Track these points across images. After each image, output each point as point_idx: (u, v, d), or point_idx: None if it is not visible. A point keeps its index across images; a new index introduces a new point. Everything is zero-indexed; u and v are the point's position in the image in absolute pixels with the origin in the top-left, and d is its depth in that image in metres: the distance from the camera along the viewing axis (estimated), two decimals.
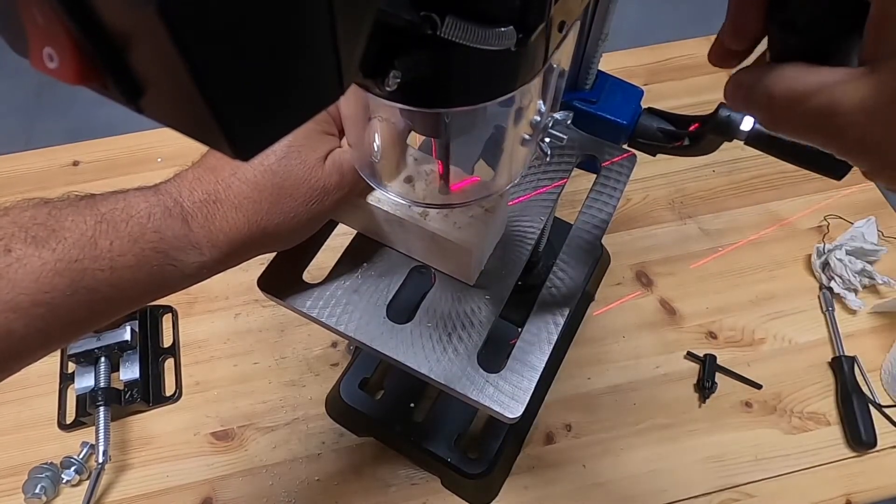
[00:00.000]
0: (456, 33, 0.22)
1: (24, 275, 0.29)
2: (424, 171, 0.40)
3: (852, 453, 0.64)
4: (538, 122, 0.36)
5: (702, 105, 0.89)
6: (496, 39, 0.23)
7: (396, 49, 0.23)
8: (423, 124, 0.32)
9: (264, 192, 0.36)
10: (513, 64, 0.26)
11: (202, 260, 0.35)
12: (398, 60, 0.23)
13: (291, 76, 0.17)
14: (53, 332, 0.31)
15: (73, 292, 0.30)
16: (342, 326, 0.41)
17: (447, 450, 0.61)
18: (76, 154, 0.86)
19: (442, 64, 0.25)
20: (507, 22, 0.23)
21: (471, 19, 0.22)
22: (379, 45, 0.22)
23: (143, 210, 0.33)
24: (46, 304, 0.29)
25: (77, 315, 0.31)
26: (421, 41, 0.23)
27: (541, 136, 0.37)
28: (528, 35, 0.24)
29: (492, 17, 0.23)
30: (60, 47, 0.16)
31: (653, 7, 2.02)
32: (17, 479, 0.62)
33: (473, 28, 0.22)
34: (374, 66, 0.23)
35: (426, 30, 0.21)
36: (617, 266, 0.76)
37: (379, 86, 0.24)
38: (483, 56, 0.23)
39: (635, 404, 0.67)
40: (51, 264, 0.29)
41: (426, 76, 0.25)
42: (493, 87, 0.27)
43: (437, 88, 0.26)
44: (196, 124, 0.17)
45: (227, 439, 0.66)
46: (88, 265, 0.30)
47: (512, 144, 0.36)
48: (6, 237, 0.29)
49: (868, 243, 0.72)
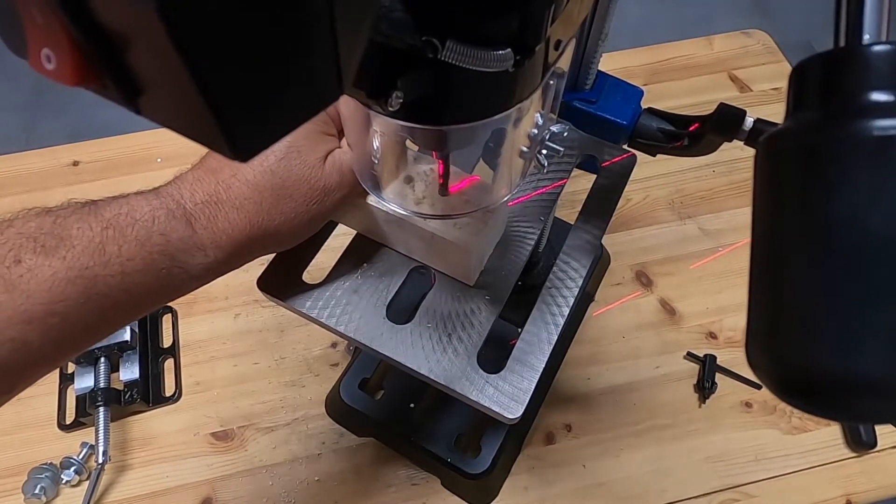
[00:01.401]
0: (456, 57, 0.23)
1: (37, 285, 0.29)
2: (424, 172, 0.40)
3: (852, 453, 0.64)
4: (536, 135, 0.36)
5: (702, 105, 0.89)
6: (495, 62, 0.24)
7: (398, 71, 0.24)
8: (423, 139, 0.33)
9: (264, 192, 0.36)
10: (511, 82, 0.27)
11: (207, 262, 0.35)
12: (400, 81, 0.24)
13: (290, 77, 0.17)
14: (68, 341, 0.31)
15: (85, 300, 0.30)
16: (342, 327, 0.41)
17: (447, 450, 0.61)
18: (76, 154, 0.86)
19: (442, 84, 0.25)
20: (505, 45, 0.24)
21: (470, 43, 0.22)
22: (382, 67, 0.23)
23: (146, 213, 0.33)
24: (60, 313, 0.29)
25: (90, 323, 0.31)
26: (422, 63, 0.23)
27: (538, 149, 0.38)
28: (525, 57, 0.24)
29: (490, 41, 0.23)
30: (59, 48, 0.16)
31: (653, 7, 2.02)
32: (17, 479, 0.62)
33: (473, 51, 0.23)
34: (376, 88, 0.24)
35: (428, 53, 0.22)
36: (617, 266, 0.76)
37: (382, 105, 0.25)
38: (482, 76, 0.24)
39: (635, 404, 0.67)
40: (62, 273, 0.29)
41: (427, 95, 0.26)
42: (492, 104, 0.28)
43: (437, 107, 0.27)
44: (194, 125, 0.17)
45: (226, 439, 0.66)
46: (99, 272, 0.30)
47: (510, 156, 0.37)
48: (15, 248, 0.29)
49: None
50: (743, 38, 0.96)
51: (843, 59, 0.23)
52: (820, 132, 0.22)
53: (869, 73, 0.22)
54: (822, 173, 0.21)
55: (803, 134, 0.23)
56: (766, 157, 0.24)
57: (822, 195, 0.21)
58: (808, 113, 0.23)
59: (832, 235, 0.21)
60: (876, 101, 0.21)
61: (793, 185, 0.22)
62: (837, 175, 0.21)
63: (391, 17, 0.22)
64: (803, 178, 0.22)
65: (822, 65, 0.23)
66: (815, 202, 0.21)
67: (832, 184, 0.21)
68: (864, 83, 0.22)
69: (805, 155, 0.22)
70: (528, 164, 0.39)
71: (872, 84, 0.21)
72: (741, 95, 0.90)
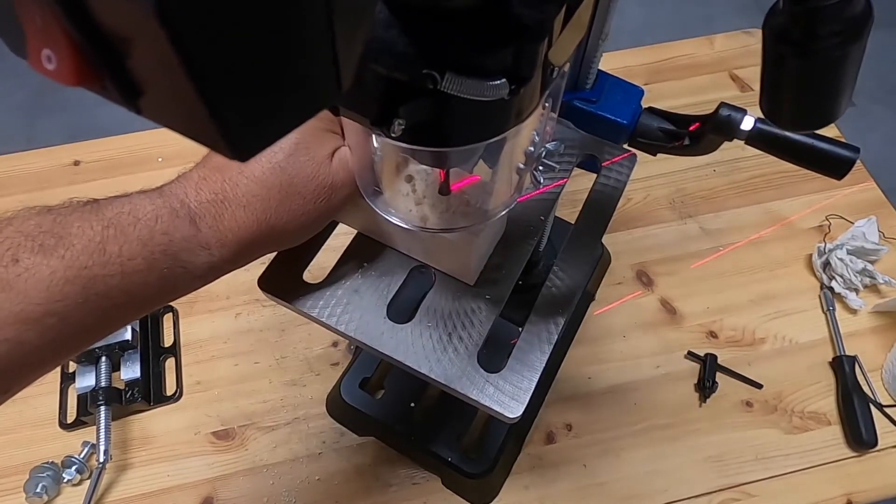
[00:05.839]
0: (455, 87, 0.24)
1: (34, 284, 0.28)
2: (425, 171, 0.40)
3: (853, 453, 0.64)
4: (532, 153, 0.37)
5: (702, 105, 0.89)
6: (491, 91, 0.25)
7: (400, 100, 0.26)
8: (424, 158, 0.34)
9: (272, 189, 0.35)
10: (507, 108, 0.28)
11: (212, 260, 0.35)
12: (402, 109, 0.26)
13: (290, 77, 0.17)
14: (66, 341, 0.30)
15: (84, 300, 0.29)
16: (342, 326, 0.41)
17: (448, 449, 0.61)
18: (77, 154, 0.86)
19: (442, 111, 0.27)
20: (500, 75, 0.25)
21: (468, 75, 0.24)
22: (384, 97, 0.25)
23: (149, 213, 0.32)
24: (58, 313, 0.29)
25: (88, 323, 0.30)
26: (423, 93, 0.25)
27: (534, 165, 0.39)
28: (520, 85, 0.26)
29: (487, 73, 0.25)
30: (59, 48, 0.16)
31: (653, 6, 2.02)
32: (19, 478, 0.62)
33: (470, 82, 0.24)
34: (380, 116, 0.26)
35: (427, 85, 0.24)
36: (617, 266, 0.76)
37: (384, 132, 0.26)
38: (480, 102, 0.25)
39: (636, 404, 0.67)
40: (60, 272, 0.29)
41: (428, 121, 0.27)
42: (490, 128, 0.29)
43: (437, 131, 0.28)
44: (194, 125, 0.17)
45: (227, 439, 0.66)
46: (98, 272, 0.30)
47: (508, 173, 0.38)
48: (13, 247, 0.29)
49: (869, 243, 0.72)
50: (744, 37, 0.96)
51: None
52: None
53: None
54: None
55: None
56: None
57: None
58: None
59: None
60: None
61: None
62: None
63: (393, 52, 0.24)
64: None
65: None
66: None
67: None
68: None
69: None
70: (523, 180, 0.39)
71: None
72: (742, 95, 0.90)
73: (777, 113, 0.33)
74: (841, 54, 0.28)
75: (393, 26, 0.24)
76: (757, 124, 0.46)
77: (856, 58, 0.29)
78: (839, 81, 0.30)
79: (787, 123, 0.34)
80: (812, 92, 0.31)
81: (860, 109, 1.71)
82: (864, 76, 0.31)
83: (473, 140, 0.29)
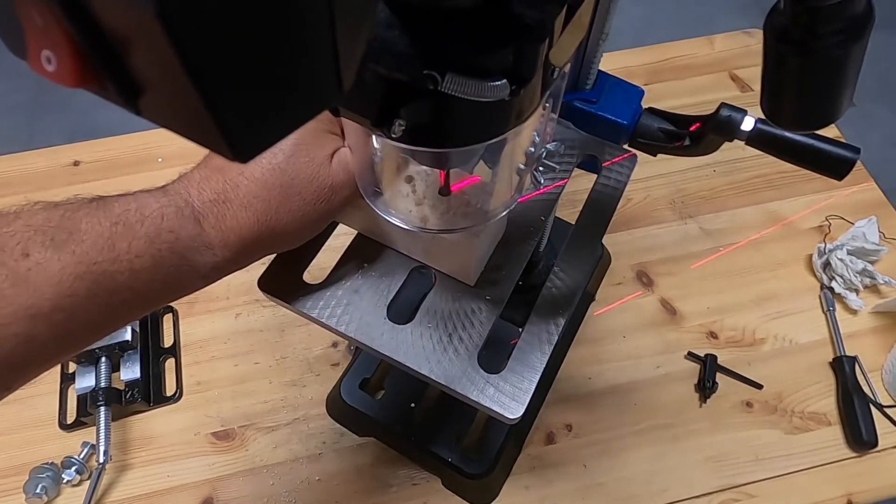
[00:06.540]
0: (455, 88, 0.24)
1: (45, 279, 0.28)
2: (425, 171, 0.40)
3: (853, 453, 0.64)
4: (532, 153, 0.38)
5: (702, 105, 0.89)
6: (492, 92, 0.25)
7: (401, 101, 0.26)
8: (424, 158, 0.34)
9: (273, 190, 0.35)
10: (508, 108, 0.28)
11: (215, 260, 0.35)
12: (403, 110, 0.26)
13: (290, 78, 0.17)
14: (72, 337, 0.30)
15: (92, 296, 0.29)
16: (342, 327, 0.41)
17: (448, 450, 0.61)
18: (77, 154, 0.86)
19: (442, 111, 0.26)
20: (501, 76, 0.25)
21: (468, 75, 0.24)
22: (385, 98, 0.25)
23: (155, 210, 0.32)
24: (67, 308, 0.29)
25: (95, 319, 0.30)
26: (423, 94, 0.25)
27: (535, 166, 0.39)
28: (521, 86, 0.26)
29: (487, 73, 0.25)
30: (59, 49, 0.16)
31: (653, 7, 2.02)
32: (18, 478, 0.62)
33: (470, 83, 0.24)
34: (380, 117, 0.26)
35: (428, 86, 0.24)
36: (617, 266, 0.76)
37: (385, 132, 0.26)
38: (480, 103, 0.25)
39: (636, 404, 0.67)
40: (70, 268, 0.28)
41: (428, 122, 0.27)
42: (491, 128, 0.29)
43: (437, 132, 0.28)
44: (194, 127, 0.17)
45: (227, 439, 0.66)
46: (108, 268, 0.30)
47: (508, 173, 0.38)
48: (23, 241, 0.28)
49: (869, 243, 0.72)
50: (744, 37, 0.96)
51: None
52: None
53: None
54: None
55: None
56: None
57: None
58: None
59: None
60: None
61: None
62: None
63: (394, 52, 0.24)
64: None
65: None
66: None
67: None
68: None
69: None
70: (523, 181, 0.39)
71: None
72: (742, 95, 0.90)
73: (778, 113, 0.33)
74: (842, 54, 0.28)
75: (394, 26, 0.24)
76: (757, 125, 0.46)
77: (857, 57, 0.29)
78: (840, 81, 0.30)
79: (788, 123, 0.34)
80: (813, 92, 0.31)
81: (861, 109, 1.71)
82: (864, 76, 0.31)
83: (474, 141, 0.29)
